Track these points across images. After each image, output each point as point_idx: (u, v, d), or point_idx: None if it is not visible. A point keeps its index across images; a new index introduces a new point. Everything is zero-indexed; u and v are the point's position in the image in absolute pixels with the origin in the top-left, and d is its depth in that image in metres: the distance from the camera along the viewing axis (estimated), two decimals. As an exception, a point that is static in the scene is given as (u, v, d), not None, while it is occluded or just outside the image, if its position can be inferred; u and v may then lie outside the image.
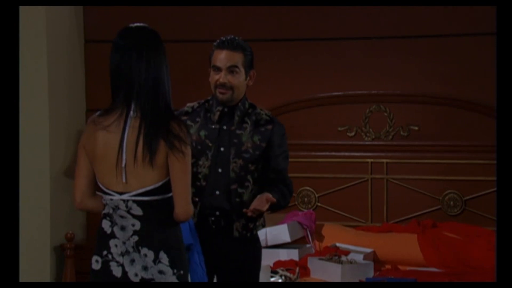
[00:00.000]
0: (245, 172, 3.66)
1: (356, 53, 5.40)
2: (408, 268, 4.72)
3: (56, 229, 5.92)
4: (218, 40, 3.65)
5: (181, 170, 2.77)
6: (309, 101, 5.61)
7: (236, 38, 3.67)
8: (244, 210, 3.52)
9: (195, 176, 3.60)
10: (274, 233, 5.06)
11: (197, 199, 3.63)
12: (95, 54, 6.26)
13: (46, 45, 5.98)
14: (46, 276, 6.01)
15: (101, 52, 5.99)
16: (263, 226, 3.81)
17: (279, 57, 5.76)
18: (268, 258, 4.87)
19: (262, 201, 3.51)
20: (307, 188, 5.56)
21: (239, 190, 3.64)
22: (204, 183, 3.65)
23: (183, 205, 2.80)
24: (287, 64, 5.74)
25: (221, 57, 3.62)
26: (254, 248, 3.73)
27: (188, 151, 2.79)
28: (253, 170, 3.68)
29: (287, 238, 5.07)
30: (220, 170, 3.64)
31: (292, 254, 4.98)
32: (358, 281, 4.21)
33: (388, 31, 5.34)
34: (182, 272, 2.83)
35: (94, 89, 6.33)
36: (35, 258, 5.85)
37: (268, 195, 3.53)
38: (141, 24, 2.85)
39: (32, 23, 5.91)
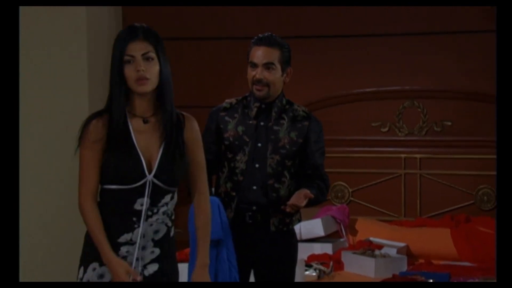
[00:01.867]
0: (282, 167, 3.65)
1: (390, 49, 5.41)
2: (441, 262, 4.71)
3: None
4: (255, 37, 3.64)
5: None
6: (344, 97, 5.61)
7: (274, 35, 3.67)
8: (283, 207, 3.52)
9: (232, 171, 3.64)
10: (308, 227, 5.04)
11: (234, 193, 3.63)
12: None
13: (87, 45, 6.10)
14: None
15: None
16: (299, 220, 3.80)
17: (314, 54, 5.74)
18: (302, 252, 4.65)
19: (300, 197, 3.50)
20: (341, 183, 5.57)
21: (276, 185, 3.63)
22: (241, 178, 3.64)
23: None
24: (322, 61, 5.73)
25: (258, 54, 3.62)
26: (291, 243, 3.72)
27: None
28: (290, 166, 3.67)
29: (321, 232, 5.09)
30: (257, 165, 3.64)
31: (326, 248, 5.00)
32: (391, 275, 4.23)
33: (422, 27, 5.34)
34: None
35: None
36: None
37: (306, 191, 3.52)
38: (145, 25, 2.79)
39: (73, 24, 6.06)
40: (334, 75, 5.67)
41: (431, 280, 4.05)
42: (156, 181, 2.68)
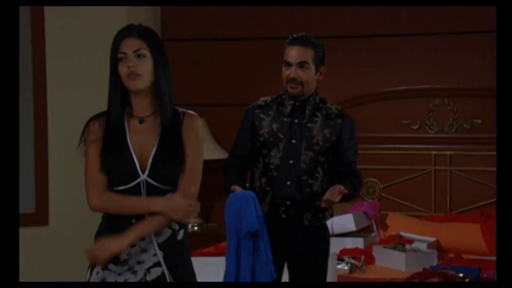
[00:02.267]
0: (315, 163, 3.69)
1: (420, 48, 5.44)
2: (471, 257, 4.72)
3: None
4: (290, 37, 3.69)
5: None
6: (375, 96, 5.63)
7: (308, 35, 3.70)
8: (318, 202, 3.54)
9: (267, 166, 3.70)
10: (340, 222, 5.07)
11: (268, 188, 3.68)
12: (171, 52, 6.23)
13: None
14: None
15: (176, 50, 6.15)
16: (331, 215, 3.84)
17: (347, 53, 5.77)
18: (334, 246, 4.66)
19: (334, 193, 3.53)
20: (372, 179, 5.56)
21: (310, 181, 3.67)
22: (275, 173, 3.68)
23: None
24: (355, 60, 5.76)
25: (292, 53, 3.66)
26: (323, 237, 3.77)
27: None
28: (323, 162, 3.71)
29: (352, 227, 5.10)
30: (291, 161, 3.68)
31: (358, 243, 5.02)
32: (422, 269, 4.27)
33: (452, 27, 5.37)
34: None
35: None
36: None
37: (340, 187, 3.55)
38: (144, 24, 2.73)
39: (114, 23, 5.71)
40: (366, 74, 5.68)
41: (461, 274, 4.05)
42: (150, 180, 2.62)
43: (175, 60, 6.05)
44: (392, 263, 4.60)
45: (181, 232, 2.69)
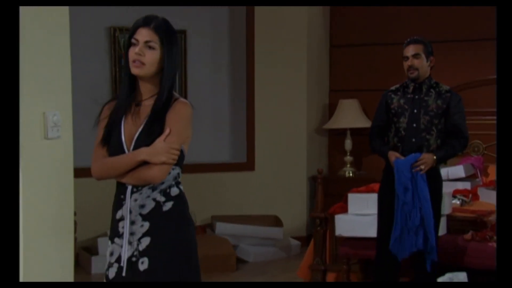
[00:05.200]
0: (431, 124, 4.16)
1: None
2: None
3: (311, 165, 7.17)
4: (406, 41, 4.26)
5: None
6: (481, 81, 6.35)
7: (418, 37, 4.25)
8: (414, 170, 4.08)
9: (397, 129, 4.21)
10: (453, 170, 5.55)
11: (399, 144, 4.21)
12: (337, 55, 7.33)
13: (306, 48, 7.11)
14: (303, 191, 7.08)
15: (341, 54, 7.24)
16: (445, 163, 4.54)
17: (464, 53, 6.52)
18: (449, 187, 5.25)
19: (423, 163, 4.10)
20: (478, 141, 6.22)
21: (427, 136, 4.18)
22: (404, 133, 4.20)
23: None
24: (467, 58, 6.55)
25: (409, 49, 4.18)
26: (437, 179, 4.27)
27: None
28: (437, 123, 4.18)
29: (462, 174, 5.58)
30: (414, 124, 4.18)
31: (466, 185, 5.48)
32: None
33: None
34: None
35: (336, 74, 7.32)
36: (296, 184, 7.13)
37: (428, 159, 4.10)
38: (163, 17, 2.62)
39: (296, 31, 7.05)
40: (474, 67, 6.44)
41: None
42: None
43: (341, 59, 7.21)
44: (491, 199, 4.93)
45: (169, 204, 2.57)
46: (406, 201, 4.09)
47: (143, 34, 2.50)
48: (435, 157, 4.07)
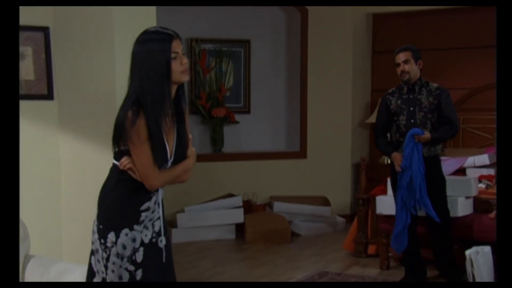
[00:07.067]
0: (425, 119, 4.42)
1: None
2: None
3: (355, 153, 7.65)
4: (396, 50, 4.51)
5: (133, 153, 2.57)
6: (488, 86, 6.64)
7: (405, 45, 4.48)
8: (417, 140, 4.27)
9: (398, 126, 4.48)
10: (479, 159, 5.82)
11: (401, 139, 4.47)
12: (378, 60, 7.66)
13: (352, 54, 7.49)
14: (348, 176, 7.47)
15: (382, 59, 7.48)
16: (442, 150, 4.59)
17: (475, 60, 6.81)
18: (476, 173, 5.59)
19: (422, 138, 4.36)
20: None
21: (423, 130, 4.41)
22: (404, 129, 4.47)
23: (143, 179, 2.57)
24: (479, 65, 6.81)
25: (399, 56, 4.46)
26: (436, 164, 4.52)
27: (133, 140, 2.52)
28: (431, 118, 4.44)
29: (487, 162, 5.84)
30: (412, 120, 4.44)
31: (490, 171, 5.67)
32: None
33: None
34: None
35: (377, 77, 7.63)
36: (341, 170, 7.55)
37: (427, 136, 4.33)
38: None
39: (343, 40, 7.36)
40: (485, 73, 6.73)
41: None
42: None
43: (382, 64, 7.37)
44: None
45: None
46: (402, 185, 4.39)
47: (178, 45, 2.56)
48: (431, 136, 4.39)
